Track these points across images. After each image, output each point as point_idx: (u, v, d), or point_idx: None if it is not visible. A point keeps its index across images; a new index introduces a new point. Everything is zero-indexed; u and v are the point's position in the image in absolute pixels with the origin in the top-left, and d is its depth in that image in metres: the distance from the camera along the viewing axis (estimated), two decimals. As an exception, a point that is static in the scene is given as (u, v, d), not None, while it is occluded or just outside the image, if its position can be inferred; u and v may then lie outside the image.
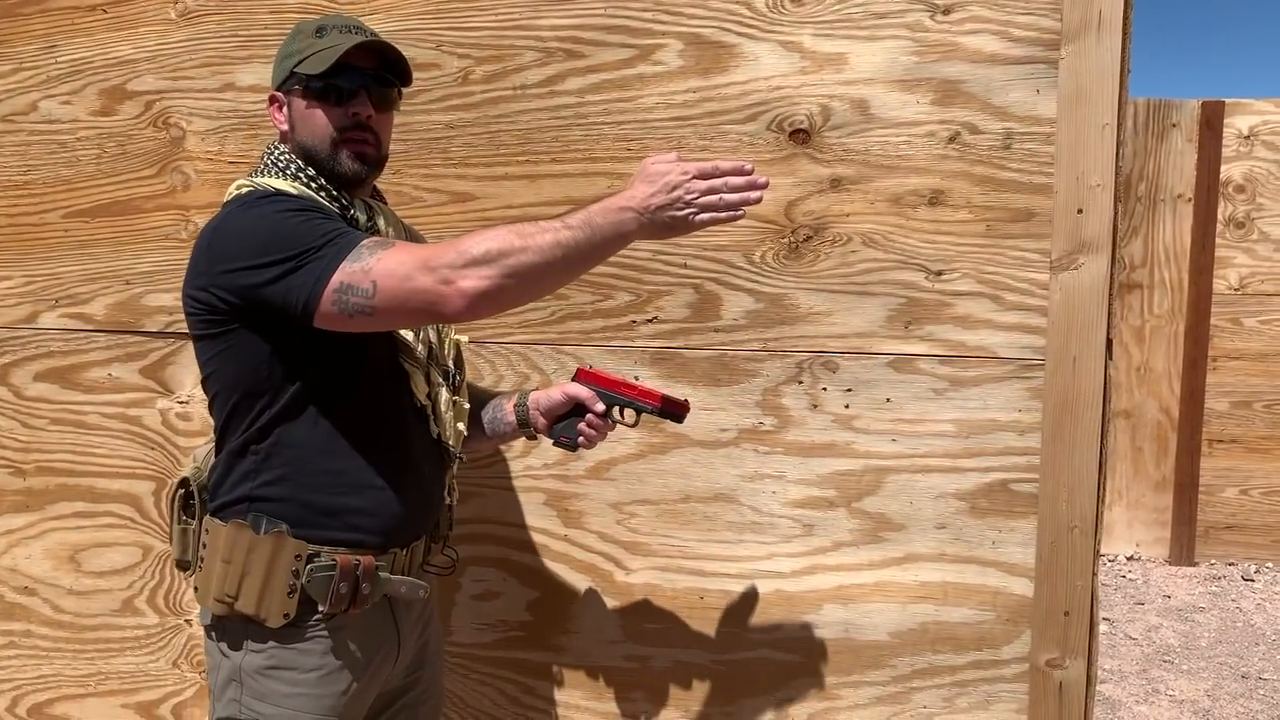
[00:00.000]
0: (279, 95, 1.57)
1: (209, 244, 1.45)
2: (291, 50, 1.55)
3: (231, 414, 1.50)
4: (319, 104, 1.52)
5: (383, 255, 1.35)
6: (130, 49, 2.12)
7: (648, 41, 1.89)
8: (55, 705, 2.29)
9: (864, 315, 1.85)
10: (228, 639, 1.51)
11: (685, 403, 1.71)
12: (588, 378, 1.71)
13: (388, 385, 1.55)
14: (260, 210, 1.43)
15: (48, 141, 2.19)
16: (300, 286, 1.37)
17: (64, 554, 2.26)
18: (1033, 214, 1.77)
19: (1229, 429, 5.10)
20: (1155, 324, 5.13)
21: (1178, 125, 5.02)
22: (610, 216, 1.35)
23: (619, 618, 2.00)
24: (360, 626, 1.53)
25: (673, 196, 1.35)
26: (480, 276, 1.31)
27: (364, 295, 1.34)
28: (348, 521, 1.50)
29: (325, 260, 1.36)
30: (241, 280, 1.41)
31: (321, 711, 1.49)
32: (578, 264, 1.38)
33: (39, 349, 2.23)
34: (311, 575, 1.47)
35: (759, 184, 1.38)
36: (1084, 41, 1.71)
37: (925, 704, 1.89)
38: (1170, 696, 3.73)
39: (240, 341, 1.46)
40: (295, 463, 1.48)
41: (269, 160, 1.57)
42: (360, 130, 1.53)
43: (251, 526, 1.47)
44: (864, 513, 1.88)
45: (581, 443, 1.70)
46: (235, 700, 1.50)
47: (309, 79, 1.51)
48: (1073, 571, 1.78)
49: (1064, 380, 1.76)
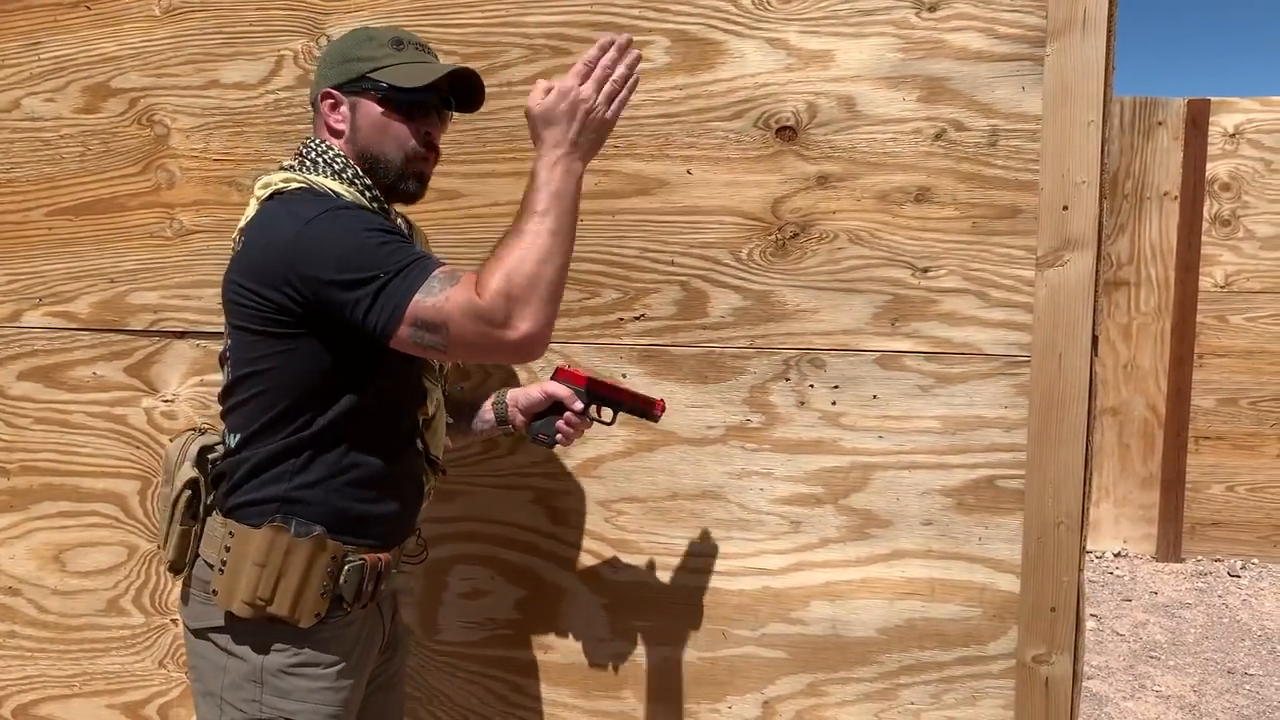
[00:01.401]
0: (337, 94, 1.55)
1: (292, 248, 1.41)
2: (364, 54, 1.54)
3: (280, 415, 1.49)
4: (398, 116, 1.53)
5: (451, 294, 1.36)
6: (114, 46, 2.11)
7: (635, 38, 1.88)
8: (40, 706, 2.28)
9: (851, 312, 1.85)
10: (249, 640, 1.50)
11: (660, 402, 1.74)
12: (566, 376, 1.74)
13: (413, 399, 1.60)
14: (346, 222, 1.42)
15: (31, 139, 2.17)
16: (379, 310, 1.38)
17: (49, 554, 2.25)
18: (1018, 211, 1.78)
19: (1215, 426, 5.13)
20: (1142, 321, 5.15)
21: (1164, 123, 5.04)
22: (557, 174, 1.39)
23: (607, 615, 2.00)
24: (362, 619, 1.57)
25: (580, 118, 1.39)
26: (532, 315, 1.35)
27: (440, 336, 1.37)
28: (370, 525, 1.54)
29: (401, 290, 1.37)
30: (323, 290, 1.40)
31: (340, 703, 1.53)
32: (570, 233, 1.41)
33: (23, 348, 2.22)
34: (347, 576, 1.50)
35: (622, 44, 1.42)
36: (1069, 39, 1.71)
37: (912, 700, 1.89)
38: (1157, 692, 3.75)
39: (307, 346, 1.46)
40: (332, 468, 1.50)
41: (320, 158, 1.55)
42: (428, 150, 1.57)
43: (290, 530, 1.47)
44: (851, 509, 1.88)
45: (559, 440, 1.73)
46: (254, 700, 1.49)
47: (393, 89, 1.51)
48: (1059, 567, 1.79)
49: (1050, 377, 1.77)
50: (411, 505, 1.62)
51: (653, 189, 1.90)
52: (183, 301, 2.12)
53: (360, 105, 1.54)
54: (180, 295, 2.12)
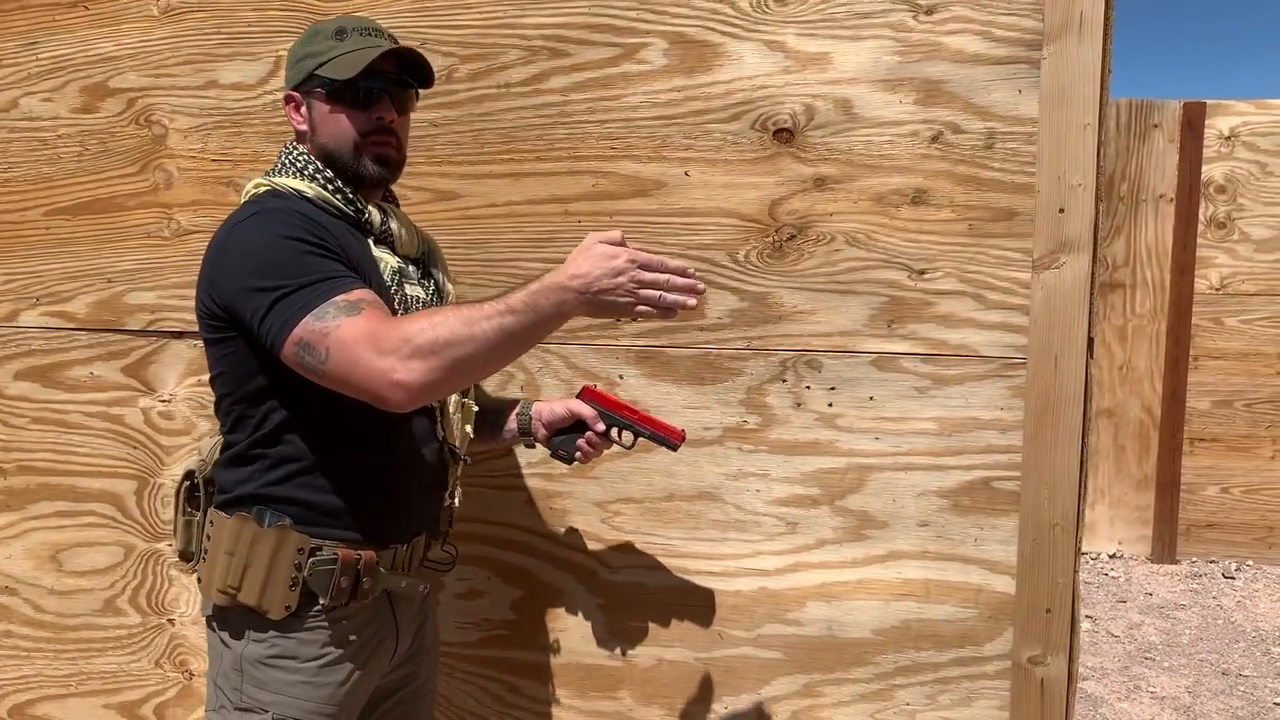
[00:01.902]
0: (296, 95, 1.58)
1: (217, 253, 1.48)
2: (311, 51, 1.55)
3: (239, 417, 1.52)
4: (342, 107, 1.54)
5: (343, 323, 1.36)
6: (112, 46, 2.11)
7: (632, 40, 1.89)
8: (36, 706, 2.28)
9: (847, 314, 1.86)
10: (229, 629, 1.53)
11: (681, 431, 1.76)
12: (592, 396, 1.76)
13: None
14: (266, 229, 1.44)
15: (28, 139, 2.17)
16: (270, 324, 1.39)
17: (45, 554, 2.24)
18: (1015, 213, 1.78)
19: (1210, 428, 5.14)
20: (1137, 323, 5.17)
21: (1159, 126, 5.05)
22: (553, 297, 1.36)
23: (603, 616, 2.00)
24: (360, 619, 1.56)
25: (616, 283, 1.37)
26: (423, 370, 1.33)
27: (317, 359, 1.37)
28: (351, 519, 1.53)
29: (295, 307, 1.38)
30: (232, 295, 1.43)
31: (320, 700, 1.51)
32: (518, 348, 1.41)
33: (19, 347, 2.21)
34: (314, 569, 1.49)
35: (697, 289, 1.41)
36: (1065, 42, 1.72)
37: (908, 701, 1.89)
38: (1152, 693, 3.76)
39: (240, 348, 1.48)
40: (301, 463, 1.51)
41: (287, 160, 1.58)
42: (383, 134, 1.56)
43: (255, 520, 1.49)
44: (847, 510, 1.89)
45: (578, 458, 1.75)
46: (237, 689, 1.51)
47: (333, 82, 1.52)
48: (1054, 569, 1.79)
49: (1046, 379, 1.77)
50: (410, 502, 1.60)
51: (650, 191, 1.91)
52: (180, 301, 2.12)
53: (313, 103, 1.56)
54: (178, 295, 2.12)
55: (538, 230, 1.95)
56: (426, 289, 1.64)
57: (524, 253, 1.96)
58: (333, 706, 1.52)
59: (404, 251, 1.62)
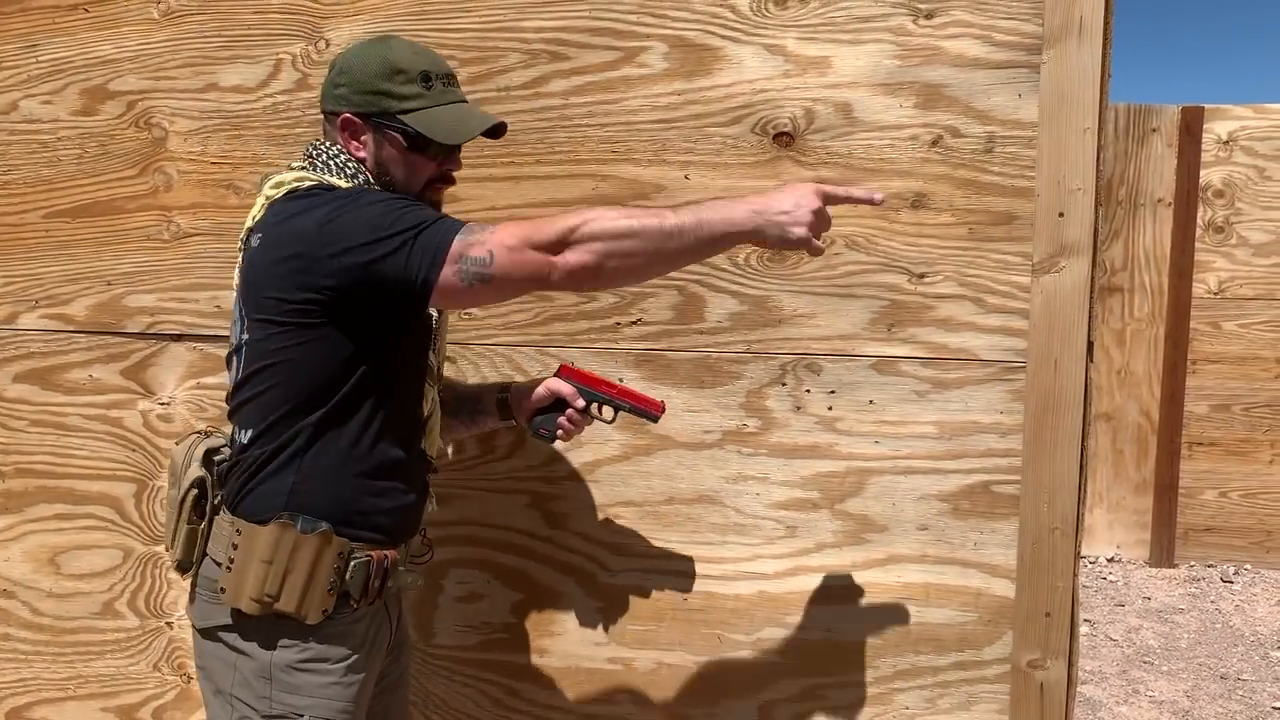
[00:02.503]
0: (359, 122, 1.55)
1: (301, 237, 1.44)
2: (391, 90, 1.53)
3: (293, 408, 1.50)
4: (421, 157, 1.57)
5: (495, 230, 1.44)
6: (112, 48, 2.11)
7: (632, 44, 1.89)
8: (34, 709, 2.28)
9: (847, 317, 1.86)
10: (258, 637, 1.51)
11: (661, 403, 1.76)
12: (569, 374, 1.76)
13: (412, 396, 1.60)
14: (368, 198, 1.47)
15: (28, 141, 2.17)
16: (421, 254, 1.42)
17: (43, 556, 2.24)
18: (1014, 217, 1.78)
19: (1208, 432, 5.14)
20: (1136, 327, 5.17)
21: (1158, 130, 5.05)
22: (722, 212, 1.46)
23: (602, 619, 2.00)
24: (370, 617, 1.58)
25: (798, 215, 1.47)
26: (585, 251, 1.42)
27: (482, 264, 1.42)
28: (375, 520, 1.55)
29: (441, 233, 1.43)
30: (353, 259, 1.42)
31: (349, 699, 1.53)
32: (682, 254, 1.47)
33: (19, 350, 2.21)
34: (353, 572, 1.51)
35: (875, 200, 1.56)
36: (1065, 46, 1.72)
37: (907, 705, 1.89)
38: (1150, 697, 3.76)
39: (328, 335, 1.47)
40: (336, 464, 1.51)
41: (332, 162, 1.56)
42: (446, 183, 1.63)
43: (296, 526, 1.49)
44: (847, 514, 1.89)
45: (560, 435, 1.76)
46: (264, 698, 1.50)
47: (422, 136, 1.54)
48: (1054, 573, 1.79)
49: (1045, 382, 1.77)
50: (419, 500, 1.64)
51: (650, 194, 1.91)
52: (179, 304, 2.12)
53: (383, 140, 1.56)
54: (177, 298, 2.12)
55: (538, 233, 1.95)
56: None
57: (524, 256, 1.96)
58: (354, 704, 1.54)
59: None
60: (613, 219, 1.43)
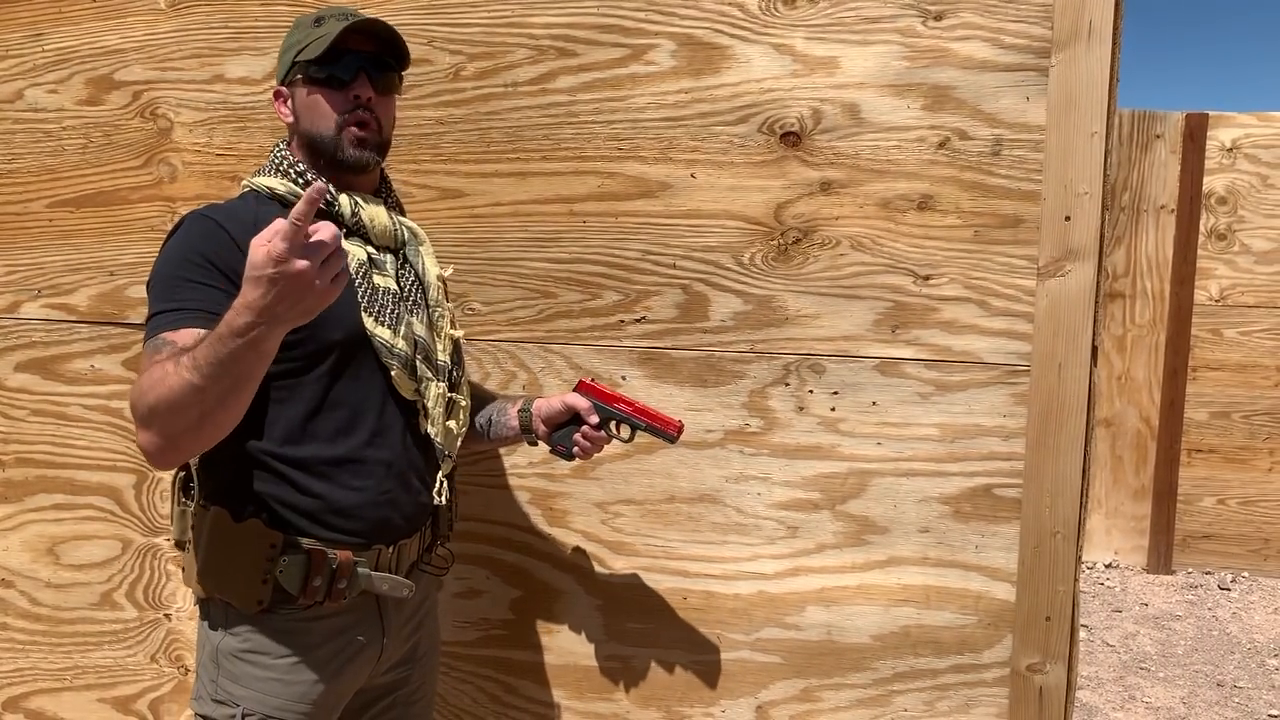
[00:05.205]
0: (283, 89, 1.59)
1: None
2: (291, 42, 1.57)
3: None
4: (320, 91, 1.54)
5: (146, 367, 1.33)
6: (118, 39, 2.11)
7: (640, 41, 1.89)
8: (31, 699, 2.27)
9: (851, 318, 1.86)
10: (210, 619, 1.54)
11: (679, 423, 1.72)
12: (588, 390, 1.73)
13: (364, 382, 1.54)
14: (181, 243, 1.48)
15: (33, 130, 2.17)
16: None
17: (42, 546, 2.24)
18: (1021, 220, 1.78)
19: (1207, 439, 5.14)
20: (1137, 333, 5.17)
21: (1162, 136, 5.05)
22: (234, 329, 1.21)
23: (602, 617, 2.00)
24: (342, 620, 1.54)
25: (281, 291, 1.16)
26: (147, 440, 1.31)
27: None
28: (326, 518, 1.51)
29: (147, 331, 1.42)
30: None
31: (292, 698, 1.50)
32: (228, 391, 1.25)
33: (20, 339, 2.21)
34: (284, 566, 1.48)
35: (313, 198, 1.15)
36: (1074, 50, 1.72)
37: (906, 707, 1.89)
38: (1146, 703, 3.76)
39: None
40: (263, 460, 1.49)
41: (270, 159, 1.61)
42: (363, 113, 1.55)
43: (230, 514, 1.49)
44: (848, 515, 1.88)
45: (576, 452, 1.72)
46: (213, 680, 1.52)
47: (308, 65, 1.53)
48: (1055, 577, 1.79)
49: (1049, 386, 1.77)
50: (395, 497, 1.55)
51: (656, 192, 1.90)
52: (182, 296, 2.11)
53: (295, 92, 1.57)
54: (180, 289, 2.11)
55: (543, 230, 1.95)
56: (404, 278, 1.61)
57: (528, 252, 1.96)
58: (305, 705, 1.51)
59: (380, 242, 1.59)
60: (152, 394, 1.26)
